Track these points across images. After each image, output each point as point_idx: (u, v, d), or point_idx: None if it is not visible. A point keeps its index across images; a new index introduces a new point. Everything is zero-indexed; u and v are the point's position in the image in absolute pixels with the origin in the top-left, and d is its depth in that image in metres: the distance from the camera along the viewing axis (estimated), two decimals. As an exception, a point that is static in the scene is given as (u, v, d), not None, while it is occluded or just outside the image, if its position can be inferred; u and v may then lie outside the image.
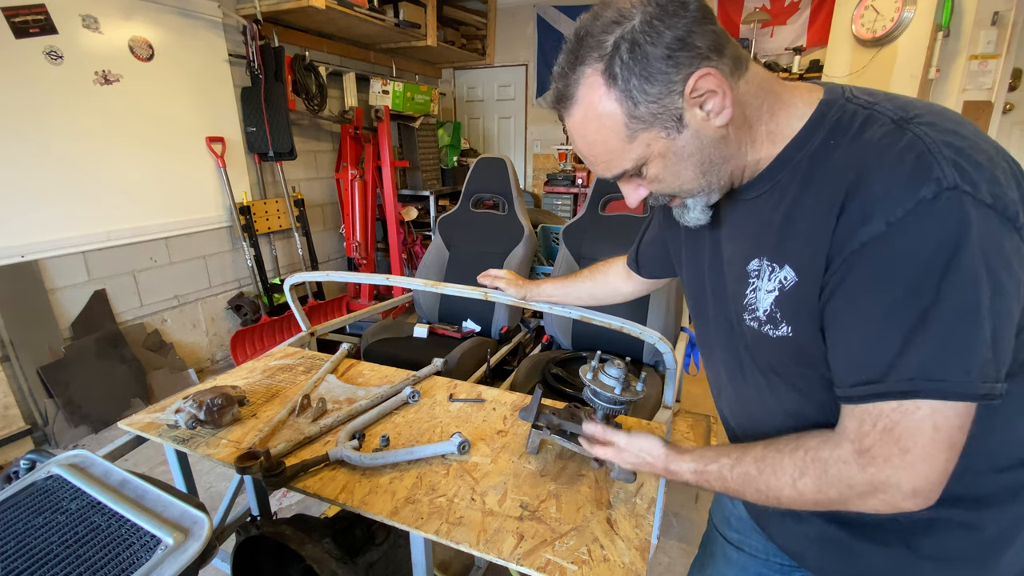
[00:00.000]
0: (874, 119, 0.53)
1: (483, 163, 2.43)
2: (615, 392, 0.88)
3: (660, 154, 0.58)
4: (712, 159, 0.59)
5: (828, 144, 0.55)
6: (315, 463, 0.99)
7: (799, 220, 0.57)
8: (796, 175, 0.58)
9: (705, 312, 0.78)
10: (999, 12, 3.06)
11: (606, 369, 0.92)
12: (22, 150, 2.18)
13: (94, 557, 0.59)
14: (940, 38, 3.06)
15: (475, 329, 2.32)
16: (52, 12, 2.20)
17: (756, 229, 0.63)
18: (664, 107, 0.55)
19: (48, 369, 2.28)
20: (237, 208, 3.04)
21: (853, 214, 0.50)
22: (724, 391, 0.79)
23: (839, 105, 0.57)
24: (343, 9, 2.99)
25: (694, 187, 0.61)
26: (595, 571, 0.77)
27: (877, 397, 0.51)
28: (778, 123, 0.59)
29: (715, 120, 0.56)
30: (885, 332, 0.50)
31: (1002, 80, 3.18)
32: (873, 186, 0.50)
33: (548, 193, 4.61)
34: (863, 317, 0.51)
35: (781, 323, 0.60)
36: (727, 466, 0.64)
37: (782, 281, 0.59)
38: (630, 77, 0.54)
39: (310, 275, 1.64)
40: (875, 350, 0.51)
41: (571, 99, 0.58)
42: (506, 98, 5.34)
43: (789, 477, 0.58)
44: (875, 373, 0.51)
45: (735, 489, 0.64)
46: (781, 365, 0.64)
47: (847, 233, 0.51)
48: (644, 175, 0.61)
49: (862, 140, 0.53)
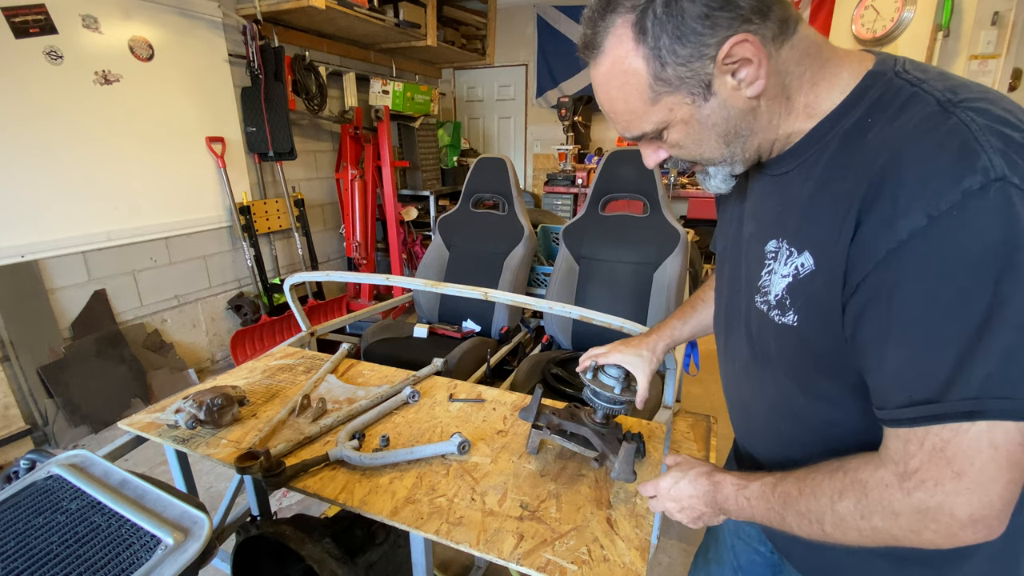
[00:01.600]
0: (918, 99, 0.48)
1: (483, 163, 2.43)
2: (615, 392, 0.89)
3: (683, 120, 0.55)
4: (738, 130, 0.55)
5: (865, 123, 0.51)
6: (315, 463, 0.99)
7: (824, 204, 0.52)
8: (824, 153, 0.54)
9: (721, 286, 0.76)
10: (999, 12, 3.06)
11: (606, 369, 0.92)
12: (22, 150, 2.18)
13: (94, 557, 0.59)
14: (940, 38, 3.06)
15: (475, 329, 2.32)
16: (52, 12, 2.20)
17: (780, 208, 0.59)
18: (693, 71, 0.51)
19: (48, 369, 2.28)
20: (237, 208, 3.04)
21: (885, 206, 0.45)
22: (726, 371, 0.78)
23: (886, 79, 0.51)
24: (343, 9, 2.99)
25: (715, 156, 0.58)
26: (595, 571, 0.77)
27: (935, 420, 0.45)
28: (818, 95, 0.54)
29: (746, 90, 0.52)
30: (937, 344, 0.44)
31: (1002, 80, 3.18)
32: (907, 174, 0.45)
33: (548, 193, 4.60)
34: (908, 327, 0.45)
35: (788, 311, 0.57)
36: (768, 484, 0.60)
37: (798, 267, 0.55)
38: (661, 34, 0.50)
39: (310, 275, 1.64)
40: (927, 366, 0.45)
41: (598, 48, 0.54)
42: (506, 98, 5.34)
43: (827, 499, 0.53)
44: (930, 392, 0.45)
45: (777, 510, 0.58)
46: (777, 354, 0.61)
47: (880, 228, 0.46)
48: (664, 139, 0.58)
49: (900, 121, 0.48)
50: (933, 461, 0.45)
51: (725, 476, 0.65)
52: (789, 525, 0.57)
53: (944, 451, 0.45)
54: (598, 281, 2.10)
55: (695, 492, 0.67)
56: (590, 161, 4.72)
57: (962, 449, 0.44)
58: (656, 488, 0.72)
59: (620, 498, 0.93)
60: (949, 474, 0.45)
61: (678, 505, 0.69)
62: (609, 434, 0.91)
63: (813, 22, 4.15)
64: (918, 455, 0.46)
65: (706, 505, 0.67)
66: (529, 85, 5.17)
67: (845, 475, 0.52)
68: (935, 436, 0.45)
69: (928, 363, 0.45)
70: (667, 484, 0.71)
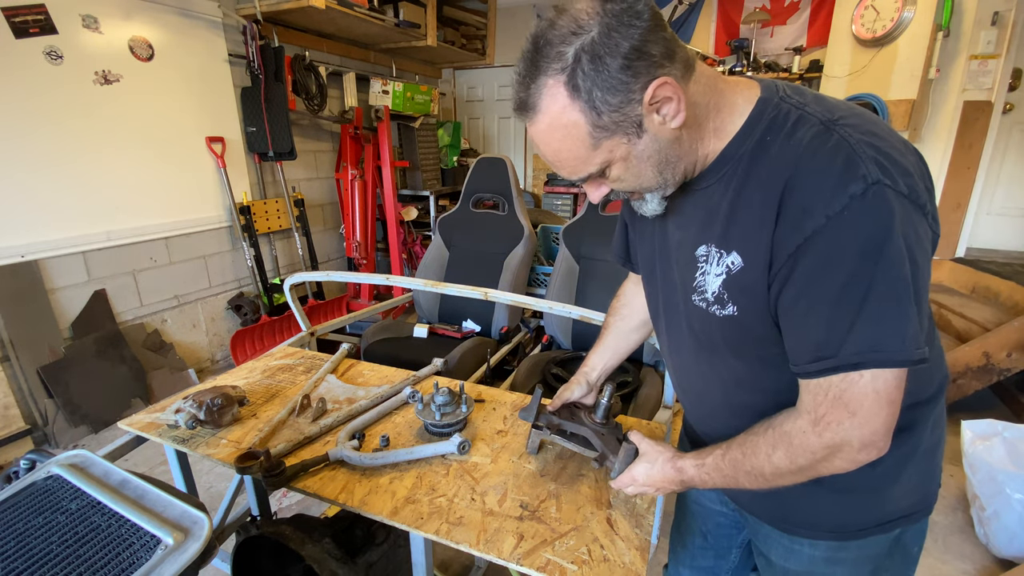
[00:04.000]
0: (805, 120, 0.59)
1: (483, 163, 2.43)
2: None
3: (622, 158, 0.61)
4: (668, 158, 0.63)
5: (765, 140, 0.61)
6: (315, 463, 0.99)
7: (743, 210, 0.62)
8: (738, 169, 0.63)
9: (655, 294, 0.85)
10: (999, 12, 3.06)
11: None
12: (22, 150, 2.18)
13: (94, 557, 0.59)
14: (940, 38, 3.06)
15: (475, 329, 2.32)
16: (52, 12, 2.20)
17: (704, 218, 0.68)
18: (625, 115, 0.57)
19: (48, 369, 2.28)
20: (237, 208, 3.04)
21: (793, 210, 0.57)
22: (674, 364, 0.87)
23: (774, 104, 0.62)
24: (343, 9, 2.99)
25: (652, 184, 0.65)
26: (595, 571, 0.77)
27: (831, 371, 0.57)
28: (722, 120, 0.64)
29: (671, 123, 0.59)
30: (836, 314, 0.56)
31: (1002, 80, 3.18)
32: (809, 185, 0.56)
33: (548, 193, 4.61)
34: (815, 302, 0.57)
35: (728, 303, 0.66)
36: (719, 455, 0.71)
37: (729, 266, 0.64)
38: (592, 88, 0.56)
39: (310, 275, 1.64)
40: (828, 331, 0.57)
41: (534, 108, 0.60)
42: (506, 98, 5.34)
43: (764, 454, 0.65)
44: (829, 350, 0.57)
45: (730, 475, 0.70)
46: (724, 341, 0.70)
47: (790, 227, 0.57)
48: (607, 176, 0.65)
49: (794, 140, 0.58)
50: (835, 406, 0.58)
51: (685, 459, 0.76)
52: (742, 484, 0.69)
53: (841, 398, 0.58)
54: (598, 281, 2.10)
55: (664, 476, 0.78)
56: (590, 161, 4.71)
57: (855, 395, 0.57)
58: (632, 479, 0.82)
59: (620, 498, 0.93)
60: (847, 415, 0.58)
61: (652, 487, 0.81)
62: (609, 434, 0.91)
63: (813, 22, 4.15)
64: (824, 403, 0.59)
65: (675, 484, 0.78)
66: (529, 85, 5.17)
67: (774, 431, 0.65)
68: (835, 387, 0.58)
69: (828, 329, 0.57)
70: (642, 474, 0.80)
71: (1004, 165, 3.53)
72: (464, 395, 1.15)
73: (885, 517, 0.73)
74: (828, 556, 0.76)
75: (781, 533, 0.79)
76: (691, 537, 1.04)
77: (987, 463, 1.70)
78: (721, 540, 1.00)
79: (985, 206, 3.59)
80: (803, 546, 0.78)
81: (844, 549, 0.75)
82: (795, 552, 0.79)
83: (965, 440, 1.81)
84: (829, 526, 0.75)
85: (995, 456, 1.70)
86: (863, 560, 0.76)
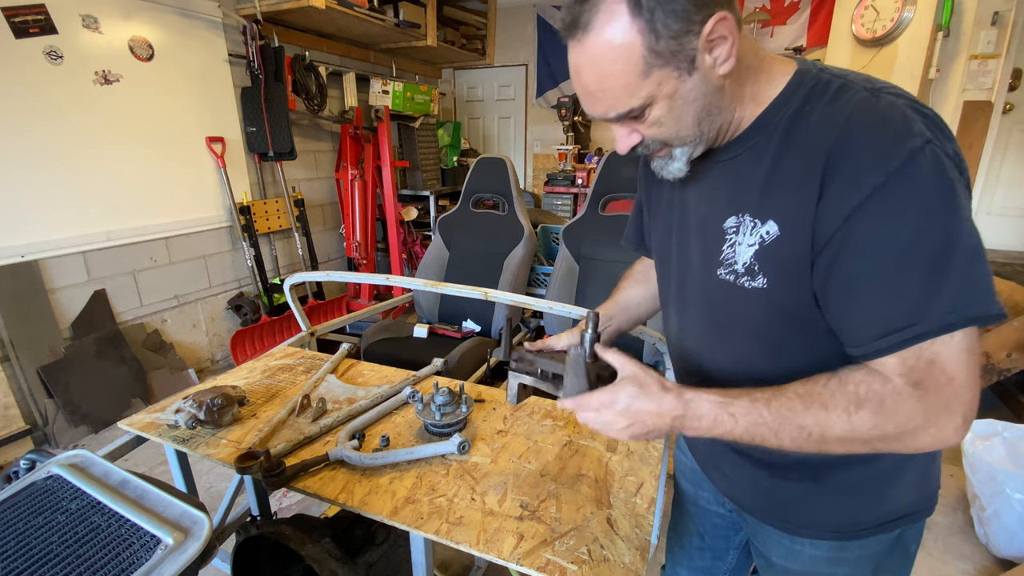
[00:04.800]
0: (849, 87, 0.57)
1: (483, 163, 2.43)
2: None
3: (668, 95, 0.58)
4: (710, 108, 0.60)
5: (804, 109, 0.59)
6: (315, 463, 0.99)
7: (782, 178, 0.60)
8: (774, 136, 0.61)
9: (667, 275, 0.82)
10: (999, 12, 3.06)
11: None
12: (22, 150, 2.18)
13: (94, 557, 0.59)
14: (940, 38, 3.06)
15: (475, 329, 2.32)
16: (52, 12, 2.20)
17: (733, 189, 0.65)
18: (681, 46, 0.54)
19: (48, 369, 2.28)
20: (237, 208, 3.04)
21: (846, 170, 0.53)
22: (680, 351, 0.83)
23: (812, 74, 0.61)
24: (343, 9, 2.99)
25: (688, 134, 0.62)
26: (595, 571, 0.77)
27: (917, 339, 0.52)
28: (759, 86, 0.62)
29: (720, 68, 0.57)
30: (907, 277, 0.52)
31: (1002, 80, 3.18)
32: (862, 143, 0.53)
33: (548, 193, 4.60)
34: (884, 265, 0.53)
35: (758, 275, 0.63)
36: (760, 399, 0.59)
37: (763, 236, 0.61)
38: (656, 8, 0.53)
39: (310, 275, 1.64)
40: (898, 298, 0.52)
41: (586, 26, 0.55)
42: (506, 98, 5.34)
43: (843, 411, 0.56)
44: (909, 318, 0.52)
45: (770, 425, 0.58)
46: (747, 316, 0.67)
47: (844, 188, 0.53)
48: (645, 117, 0.60)
49: (839, 104, 0.56)
50: (931, 371, 0.53)
51: (698, 393, 0.62)
52: (780, 440, 0.59)
53: (936, 362, 0.53)
54: (598, 281, 2.10)
55: (659, 408, 0.62)
56: (590, 161, 4.72)
57: (950, 358, 0.52)
58: (609, 401, 0.64)
59: (620, 498, 0.93)
60: (945, 380, 0.53)
61: (627, 421, 0.63)
62: (592, 370, 0.73)
63: (813, 22, 4.14)
64: (918, 367, 0.53)
65: (666, 421, 0.63)
66: (529, 85, 5.17)
67: (857, 387, 0.56)
68: (927, 351, 0.53)
69: (899, 295, 0.52)
70: (625, 399, 0.63)
71: (1004, 165, 3.53)
72: (464, 395, 1.15)
73: (887, 517, 0.72)
74: (830, 556, 0.76)
75: (782, 533, 0.79)
76: (688, 538, 1.03)
77: (987, 463, 1.70)
78: (718, 541, 1.00)
79: (985, 206, 3.59)
80: (804, 546, 0.77)
81: (846, 549, 0.75)
82: (796, 552, 0.78)
83: (965, 440, 1.81)
84: (831, 526, 0.74)
85: (995, 456, 1.70)
86: (864, 560, 0.76)
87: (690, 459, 0.98)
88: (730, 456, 0.82)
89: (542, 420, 1.18)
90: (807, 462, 0.71)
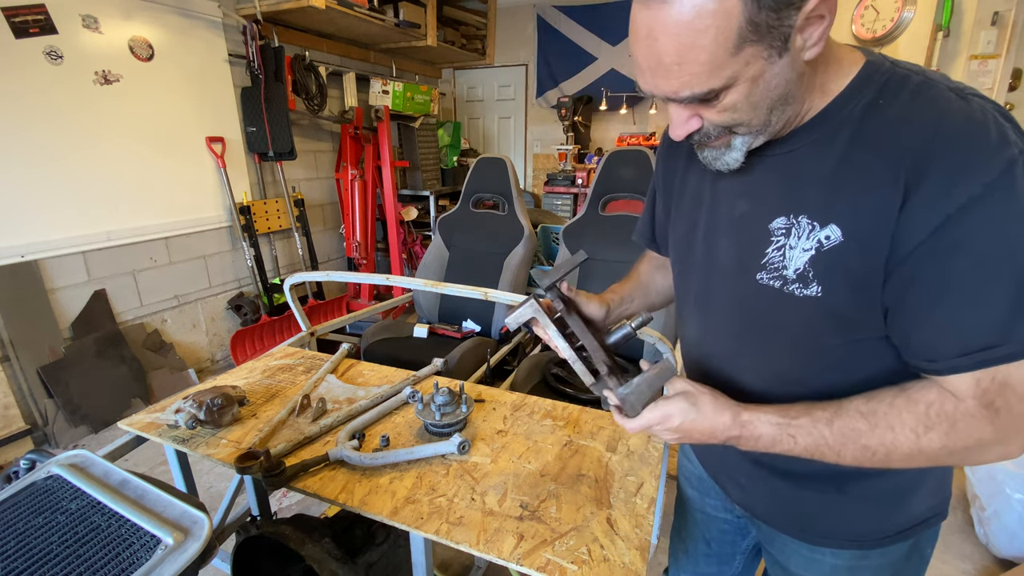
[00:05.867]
0: (931, 85, 0.53)
1: (483, 163, 2.43)
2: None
3: (751, 78, 0.51)
4: (787, 97, 0.54)
5: (878, 104, 0.54)
6: (315, 463, 0.99)
7: (851, 178, 0.54)
8: (842, 131, 0.55)
9: (687, 277, 0.77)
10: (999, 12, 3.06)
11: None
12: (22, 150, 2.18)
13: (94, 557, 0.59)
14: (940, 38, 3.06)
15: (475, 329, 2.32)
16: (52, 12, 2.20)
17: (787, 186, 0.59)
18: (780, 21, 0.48)
19: (48, 369, 2.28)
20: (237, 208, 3.04)
21: (936, 177, 0.49)
22: (696, 357, 0.78)
23: (886, 68, 0.55)
24: (343, 9, 2.99)
25: (758, 123, 0.56)
26: (595, 571, 0.77)
27: (1004, 360, 0.50)
28: (829, 76, 0.56)
29: (807, 52, 0.51)
30: (996, 295, 0.49)
31: (1002, 80, 3.18)
32: (957, 149, 0.49)
33: (548, 193, 4.61)
34: (968, 282, 0.50)
35: (812, 283, 0.57)
36: (823, 420, 0.58)
37: (821, 240, 0.56)
38: None
39: (310, 275, 1.65)
40: (985, 316, 0.50)
41: None
42: (506, 98, 5.34)
43: (911, 432, 0.54)
44: (997, 337, 0.49)
45: (831, 445, 0.58)
46: (792, 326, 0.62)
47: (934, 196, 0.49)
48: (719, 101, 0.53)
49: (922, 103, 0.52)
50: (1003, 393, 0.51)
51: (756, 414, 0.62)
52: (841, 458, 0.58)
53: (1009, 383, 0.51)
54: (598, 281, 2.10)
55: (713, 428, 0.62)
56: (590, 161, 4.72)
57: (1021, 379, 0.50)
58: (664, 417, 0.64)
59: (620, 498, 0.93)
60: (1016, 401, 0.51)
61: (678, 436, 0.65)
62: (616, 367, 0.73)
63: (813, 22, 4.15)
64: (991, 389, 0.51)
65: (719, 437, 0.63)
66: (529, 85, 5.17)
67: (928, 408, 0.54)
68: (1002, 372, 0.50)
69: (988, 312, 0.50)
70: (679, 417, 0.63)
71: (1004, 165, 3.54)
72: (464, 395, 1.15)
73: (907, 524, 0.71)
74: (851, 565, 0.74)
75: (800, 543, 0.77)
76: (693, 544, 1.02)
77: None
78: (725, 547, 0.98)
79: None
80: (825, 555, 0.75)
81: (867, 557, 0.73)
82: (816, 562, 0.76)
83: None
84: (852, 535, 0.73)
85: (995, 456, 1.70)
86: (884, 567, 0.74)
87: (697, 467, 0.95)
88: (746, 466, 0.78)
89: (542, 420, 1.18)
90: (831, 472, 0.66)
